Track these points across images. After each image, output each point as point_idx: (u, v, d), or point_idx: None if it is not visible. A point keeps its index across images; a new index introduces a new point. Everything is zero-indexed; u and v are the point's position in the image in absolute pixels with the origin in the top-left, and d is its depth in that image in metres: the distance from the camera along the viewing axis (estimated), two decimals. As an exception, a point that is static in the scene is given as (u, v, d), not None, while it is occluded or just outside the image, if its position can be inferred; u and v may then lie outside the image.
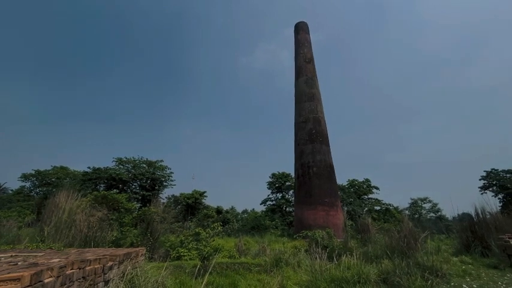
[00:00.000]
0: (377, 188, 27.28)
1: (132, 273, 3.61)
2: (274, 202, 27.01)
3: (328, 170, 15.72)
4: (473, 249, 8.89)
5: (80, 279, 2.79)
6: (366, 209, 25.12)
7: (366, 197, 27.01)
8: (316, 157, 15.74)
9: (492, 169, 25.03)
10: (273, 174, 27.63)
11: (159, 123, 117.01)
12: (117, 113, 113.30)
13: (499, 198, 23.57)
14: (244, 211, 35.42)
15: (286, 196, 26.88)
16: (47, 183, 28.01)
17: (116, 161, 24.87)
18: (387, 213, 24.36)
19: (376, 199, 26.92)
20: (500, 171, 24.47)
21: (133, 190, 24.42)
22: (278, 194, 27.35)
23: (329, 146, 16.85)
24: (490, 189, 24.50)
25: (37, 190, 29.03)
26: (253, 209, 32.13)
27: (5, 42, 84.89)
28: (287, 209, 26.16)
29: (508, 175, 23.80)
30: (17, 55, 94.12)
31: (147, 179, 25.06)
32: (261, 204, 27.92)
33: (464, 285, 5.52)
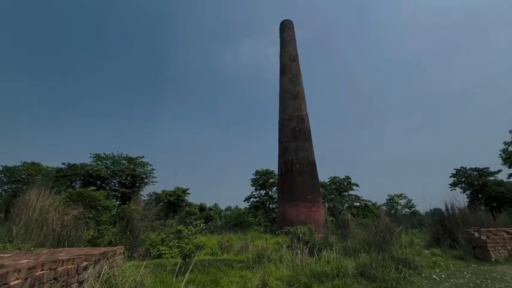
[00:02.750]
0: (357, 185, 28.27)
1: (108, 273, 3.48)
2: (257, 199, 27.16)
3: (311, 167, 16.03)
4: (443, 242, 9.48)
5: (51, 280, 2.65)
6: (346, 205, 25.97)
7: (347, 193, 27.90)
8: (300, 154, 15.99)
9: (461, 167, 26.75)
10: (257, 171, 27.74)
11: (140, 120, 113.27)
12: (96, 109, 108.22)
13: (466, 194, 25.29)
14: (228, 208, 35.37)
15: (270, 193, 27.12)
16: (17, 180, 26.17)
17: (94, 157, 23.77)
18: (366, 209, 25.34)
19: (356, 196, 27.90)
20: (468, 169, 26.21)
21: (112, 187, 23.49)
22: (262, 191, 27.52)
23: (312, 144, 17.17)
24: (459, 186, 26.18)
25: (5, 187, 27.09)
26: (236, 206, 32.16)
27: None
28: (270, 205, 26.42)
29: (474, 173, 25.56)
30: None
31: (127, 176, 24.19)
32: (244, 201, 28.00)
33: (434, 276, 5.88)
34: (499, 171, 23.91)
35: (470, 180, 25.08)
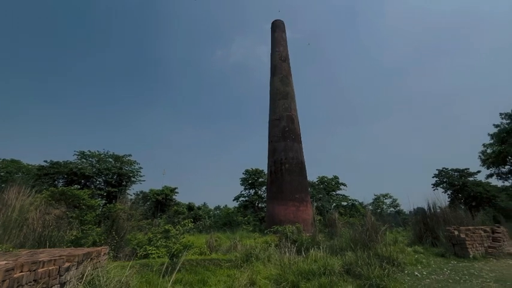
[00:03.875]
0: (344, 185, 28.79)
1: (92, 274, 3.39)
2: (247, 198, 27.16)
3: (300, 167, 16.19)
4: (425, 239, 9.83)
5: (30, 282, 2.56)
6: (334, 204, 26.41)
7: (334, 193, 28.37)
8: (289, 154, 16.12)
9: (443, 168, 27.80)
10: (247, 171, 27.73)
11: (127, 118, 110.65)
12: (82, 105, 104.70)
13: (447, 194, 26.28)
14: (217, 207, 35.20)
15: (259, 192, 27.17)
16: (-6, 178, 24.99)
17: (78, 155, 23.00)
18: (353, 209, 25.86)
19: (344, 195, 28.41)
20: (450, 169, 27.26)
21: (98, 186, 22.82)
22: (251, 190, 27.53)
23: (301, 144, 17.34)
24: (441, 186, 27.19)
25: (-19, 186, 25.79)
26: (226, 206, 32.04)
27: None
28: (259, 205, 26.48)
29: (455, 173, 26.62)
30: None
31: (113, 174, 23.57)
32: (233, 200, 27.92)
33: (416, 273, 6.10)
34: (478, 172, 25.05)
35: (452, 180, 26.11)
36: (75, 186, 19.26)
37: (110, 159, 24.25)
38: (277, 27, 22.07)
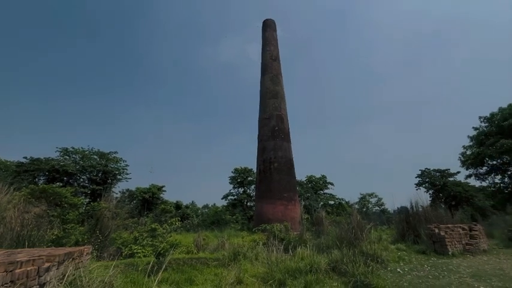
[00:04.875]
0: (332, 184, 29.33)
1: (74, 274, 3.28)
2: (235, 197, 27.14)
3: (289, 166, 16.33)
4: (407, 237, 10.18)
5: (7, 283, 2.45)
6: (322, 203, 26.84)
7: (322, 192, 28.84)
8: (278, 153, 16.22)
9: (426, 168, 28.83)
10: (236, 169, 27.69)
11: (113, 115, 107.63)
12: (64, 100, 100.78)
13: (429, 194, 27.26)
14: (205, 206, 34.92)
15: (248, 191, 27.21)
16: (-32, 174, 23.67)
17: (61, 151, 22.15)
18: (340, 207, 26.40)
19: (331, 194, 28.94)
20: (432, 170, 28.32)
21: (81, 184, 22.08)
22: (240, 189, 27.53)
23: (290, 143, 17.49)
24: (423, 185, 28.20)
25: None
26: (214, 204, 31.86)
27: None
28: (248, 203, 26.53)
29: (437, 174, 27.68)
30: None
31: (98, 172, 22.88)
32: (222, 199, 27.82)
33: (398, 269, 6.31)
34: (458, 172, 26.15)
35: (433, 180, 27.13)
36: (57, 183, 18.55)
37: (95, 156, 23.53)
38: (268, 27, 22.08)
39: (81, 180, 22.41)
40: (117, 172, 24.09)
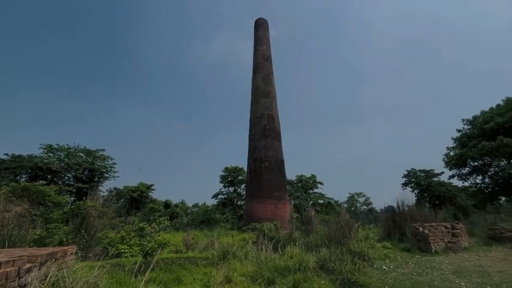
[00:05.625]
0: (321, 183, 29.67)
1: (57, 275, 3.18)
2: (226, 196, 27.02)
3: (279, 165, 16.41)
4: (393, 235, 10.45)
5: (-16, 285, 2.35)
6: (311, 202, 27.13)
7: (312, 191, 29.14)
8: (269, 153, 16.26)
9: (412, 169, 29.67)
10: (226, 168, 27.56)
11: (103, 113, 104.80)
12: (52, 99, 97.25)
13: (415, 193, 28.09)
14: (195, 205, 34.61)
15: (238, 190, 27.15)
16: None
17: (45, 148, 21.38)
18: (329, 206, 26.75)
19: (320, 193, 29.28)
20: (417, 170, 29.17)
21: (66, 182, 21.40)
22: (230, 188, 27.42)
23: (281, 142, 17.57)
24: (409, 185, 29.01)
25: None
26: (204, 203, 31.62)
27: None
28: (238, 202, 26.47)
29: (422, 174, 28.54)
30: None
31: (84, 170, 22.22)
32: (212, 198, 27.64)
33: (384, 267, 6.47)
34: (442, 173, 27.03)
35: (418, 180, 27.94)
36: (41, 181, 17.91)
37: (81, 154, 22.84)
38: (260, 26, 22.07)
39: (66, 178, 21.72)
40: (104, 170, 23.48)
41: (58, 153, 21.85)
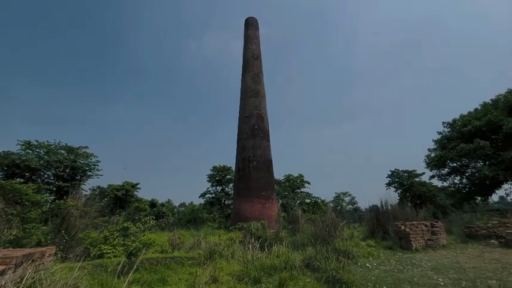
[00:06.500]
0: (309, 183, 30.04)
1: (34, 278, 3.04)
2: (213, 195, 26.83)
3: (267, 164, 16.47)
4: (377, 234, 10.75)
5: (-48, 289, 2.21)
6: (298, 201, 27.42)
7: (299, 190, 29.45)
8: (257, 152, 16.28)
9: (395, 169, 30.65)
10: (214, 167, 27.37)
11: (86, 108, 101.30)
12: (37, 95, 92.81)
13: (398, 193, 29.06)
14: (182, 204, 34.19)
15: (226, 189, 27.03)
16: None
17: (23, 145, 20.36)
18: (315, 206, 27.15)
19: (307, 193, 29.64)
20: (400, 171, 30.19)
21: (46, 180, 20.49)
22: (218, 187, 27.25)
23: (269, 142, 17.63)
24: (393, 185, 29.97)
25: None
26: (191, 202, 31.26)
27: None
28: (226, 201, 26.36)
29: (405, 174, 29.56)
30: None
31: (65, 168, 21.34)
32: (199, 197, 27.36)
33: (367, 264, 6.65)
34: (423, 173, 28.11)
35: (401, 180, 28.92)
36: (18, 179, 17.06)
37: (62, 151, 21.92)
38: (250, 25, 22.03)
39: (46, 176, 20.79)
40: (87, 168, 22.66)
41: (37, 150, 20.86)
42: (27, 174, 19.17)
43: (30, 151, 20.45)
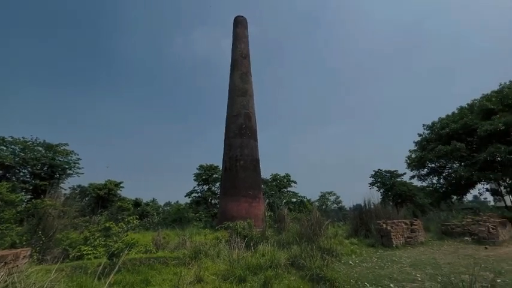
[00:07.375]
0: (295, 182, 30.40)
1: (6, 281, 2.89)
2: (200, 194, 26.53)
3: (254, 164, 16.50)
4: (360, 232, 11.06)
5: None
6: (285, 201, 27.69)
7: (286, 189, 29.73)
8: (244, 151, 16.27)
9: (378, 169, 31.66)
10: (201, 166, 27.07)
11: (66, 104, 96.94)
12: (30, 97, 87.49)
13: (380, 193, 30.03)
14: (167, 203, 33.58)
15: (213, 188, 26.82)
16: None
17: (-5, 141, 19.23)
18: (301, 205, 27.51)
19: (294, 192, 29.99)
20: (383, 171, 31.23)
21: (22, 178, 19.47)
22: (204, 186, 26.98)
23: (257, 141, 17.67)
24: (376, 185, 30.93)
25: None
26: (177, 202, 30.76)
27: None
28: (212, 201, 26.15)
29: (387, 174, 30.61)
30: None
31: (43, 165, 20.37)
32: (185, 196, 26.96)
33: (350, 262, 6.83)
34: (404, 173, 29.23)
35: (384, 180, 29.91)
36: (-10, 178, 16.10)
37: (39, 148, 20.89)
38: (239, 23, 21.93)
39: (22, 174, 19.77)
40: (66, 166, 21.75)
41: (12, 146, 19.77)
42: (0, 172, 18.13)
43: (4, 148, 19.35)
